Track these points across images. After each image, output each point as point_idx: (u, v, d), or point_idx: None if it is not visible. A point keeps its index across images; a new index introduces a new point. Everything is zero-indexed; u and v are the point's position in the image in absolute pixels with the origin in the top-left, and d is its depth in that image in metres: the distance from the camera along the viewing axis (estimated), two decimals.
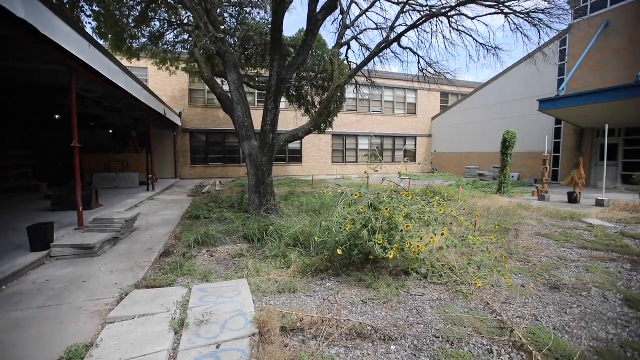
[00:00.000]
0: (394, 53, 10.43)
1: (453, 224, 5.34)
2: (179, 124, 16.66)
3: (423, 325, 2.89)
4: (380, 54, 9.73)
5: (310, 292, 3.61)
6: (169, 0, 9.30)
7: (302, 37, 9.20)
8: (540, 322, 2.98)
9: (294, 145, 20.57)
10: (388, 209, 3.74)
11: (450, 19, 8.94)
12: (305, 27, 7.32)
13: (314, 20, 7.03)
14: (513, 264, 4.52)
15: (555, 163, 15.08)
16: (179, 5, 9.24)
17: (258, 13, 11.63)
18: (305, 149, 20.90)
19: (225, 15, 11.37)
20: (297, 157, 20.88)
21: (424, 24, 8.99)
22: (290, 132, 8.49)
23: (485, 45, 9.33)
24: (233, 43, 11.02)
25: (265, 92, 7.63)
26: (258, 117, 7.81)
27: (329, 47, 12.19)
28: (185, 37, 11.47)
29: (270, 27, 7.47)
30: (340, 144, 21.90)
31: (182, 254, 4.87)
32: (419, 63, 10.28)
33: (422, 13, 9.14)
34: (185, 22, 10.61)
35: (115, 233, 5.29)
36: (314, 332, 2.68)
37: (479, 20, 8.83)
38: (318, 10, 7.10)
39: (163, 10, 10.16)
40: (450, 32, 9.36)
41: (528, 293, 3.58)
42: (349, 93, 17.47)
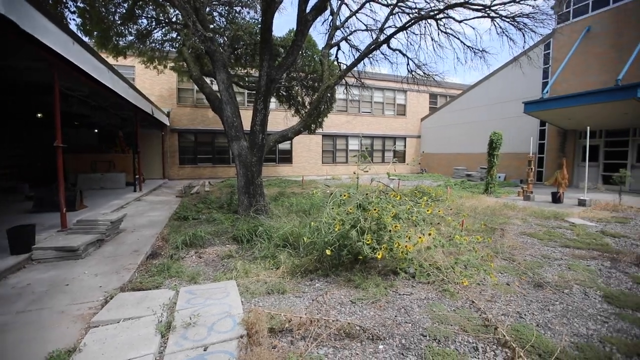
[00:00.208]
0: (384, 54, 10.53)
1: (441, 224, 5.42)
2: (167, 124, 16.40)
3: (411, 324, 2.93)
4: (370, 55, 9.81)
5: (299, 292, 3.60)
6: None
7: (292, 37, 9.18)
8: (524, 319, 3.05)
9: (284, 146, 20.51)
10: (376, 210, 3.77)
11: (439, 22, 9.08)
12: (295, 27, 7.31)
13: (304, 21, 7.03)
14: (499, 263, 4.61)
15: (540, 164, 15.46)
16: (167, 3, 9.10)
17: (248, 12, 11.56)
18: (296, 150, 20.86)
19: (215, 14, 11.26)
20: (287, 157, 20.82)
21: (413, 26, 9.11)
22: (280, 132, 8.46)
23: (473, 48, 9.51)
24: (222, 42, 10.92)
25: (255, 92, 7.59)
26: (247, 117, 7.75)
27: (319, 47, 12.19)
28: (174, 35, 11.31)
29: (260, 26, 7.44)
30: (330, 145, 21.94)
31: (169, 256, 4.80)
32: (408, 64, 10.40)
33: (411, 15, 9.26)
34: (174, 20, 10.46)
35: (100, 235, 5.18)
36: (303, 332, 2.68)
37: (467, 24, 8.98)
38: (308, 11, 7.10)
39: (151, 8, 9.99)
40: (439, 34, 9.50)
41: (513, 291, 3.66)
42: (339, 94, 17.54)
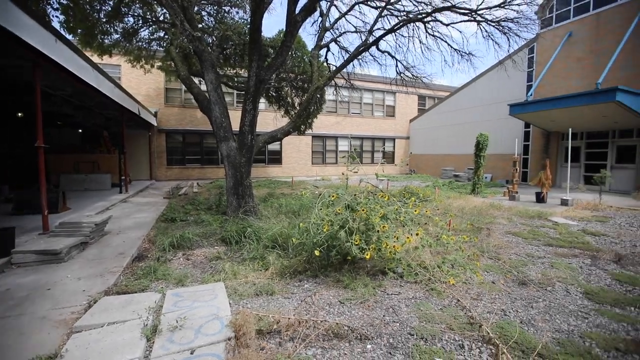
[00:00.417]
0: (373, 56, 10.63)
1: (429, 224, 5.50)
2: (155, 124, 16.14)
3: (398, 324, 2.95)
4: (359, 57, 9.89)
5: (288, 293, 3.60)
6: None
7: (281, 38, 9.17)
8: (509, 316, 3.12)
9: (274, 147, 20.43)
10: (365, 210, 3.80)
11: (426, 25, 9.22)
12: (285, 28, 7.31)
13: (293, 22, 7.03)
14: (485, 262, 4.70)
15: (525, 164, 15.84)
16: (154, 2, 8.96)
17: (237, 12, 11.47)
18: (285, 150, 20.81)
19: (203, 14, 11.14)
20: (276, 158, 20.75)
21: (402, 29, 9.22)
22: (269, 133, 8.43)
23: (459, 51, 9.69)
24: (211, 42, 10.81)
25: (244, 92, 7.54)
26: (236, 117, 7.71)
27: (309, 48, 12.22)
28: (161, 34, 11.13)
29: (249, 27, 7.39)
30: (320, 145, 21.97)
31: (156, 258, 4.72)
32: (397, 66, 10.52)
33: (399, 18, 9.38)
34: (161, 19, 10.30)
35: (84, 237, 5.05)
36: (291, 333, 2.67)
37: (454, 27, 9.15)
38: (297, 12, 7.10)
39: (137, 6, 9.81)
40: (427, 37, 9.66)
41: (498, 289, 3.74)
42: (329, 95, 17.58)
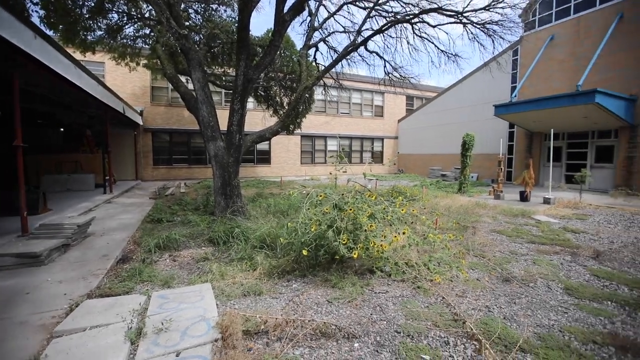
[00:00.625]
0: (361, 56, 10.71)
1: (416, 223, 5.57)
2: (140, 123, 15.82)
3: (385, 322, 2.99)
4: (348, 57, 9.92)
5: (276, 294, 3.59)
6: None
7: (270, 37, 9.12)
8: (493, 312, 3.20)
9: (263, 146, 20.32)
10: (352, 210, 3.82)
11: (414, 26, 9.34)
12: (273, 27, 7.27)
13: (282, 21, 7.01)
14: (470, 260, 4.79)
15: (510, 164, 16.22)
16: None
17: (225, 10, 11.36)
18: (274, 150, 20.72)
19: (190, 11, 10.98)
20: (265, 158, 20.64)
21: (390, 29, 9.32)
22: (258, 132, 8.38)
23: (446, 52, 9.85)
24: (198, 40, 10.66)
25: (232, 91, 7.47)
26: (224, 117, 7.61)
27: (298, 48, 12.19)
28: (147, 31, 10.92)
29: (237, 25, 7.33)
30: (309, 145, 21.96)
31: (141, 260, 4.63)
32: (385, 67, 10.61)
33: (387, 19, 9.46)
34: (147, 16, 10.10)
35: (66, 239, 4.91)
36: (279, 333, 2.67)
37: (440, 29, 9.30)
38: (286, 11, 7.08)
39: (122, 2, 9.59)
40: (414, 38, 9.79)
41: (482, 286, 3.82)
42: (318, 94, 17.57)
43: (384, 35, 10.05)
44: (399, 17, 9.09)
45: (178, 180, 17.31)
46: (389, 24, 8.89)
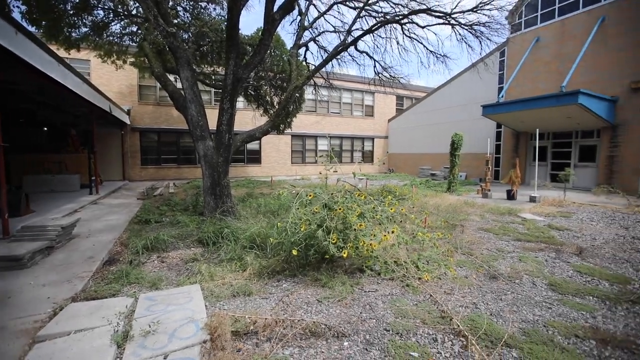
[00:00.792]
0: (351, 56, 10.74)
1: (406, 222, 5.63)
2: (128, 122, 15.51)
3: (375, 320, 3.01)
4: (338, 57, 9.96)
5: (266, 294, 3.58)
6: None
7: (259, 36, 9.08)
8: (480, 309, 3.26)
9: (253, 146, 20.19)
10: (342, 209, 3.83)
11: (403, 26, 9.42)
12: (263, 26, 7.23)
13: (271, 20, 6.98)
14: (458, 257, 4.86)
15: (497, 163, 16.52)
16: None
17: (214, 9, 11.23)
18: (264, 150, 20.62)
19: (179, 9, 10.82)
20: (255, 157, 20.52)
21: (379, 30, 9.39)
22: (248, 132, 8.33)
23: (435, 53, 9.97)
24: (187, 38, 10.52)
25: (221, 90, 7.41)
26: (214, 116, 7.55)
27: (288, 47, 12.16)
28: (134, 29, 10.71)
29: (226, 24, 7.26)
30: (300, 145, 21.93)
31: (129, 261, 4.55)
32: (375, 67, 10.68)
33: (377, 19, 9.53)
34: (134, 13, 9.91)
35: (49, 242, 4.78)
36: (268, 334, 2.66)
37: (429, 29, 9.43)
38: (275, 10, 7.05)
39: None
40: (403, 38, 9.88)
41: (470, 283, 3.88)
42: (308, 94, 17.57)
43: (374, 36, 10.13)
44: (389, 17, 9.16)
45: (167, 181, 17.06)
46: (379, 24, 8.95)
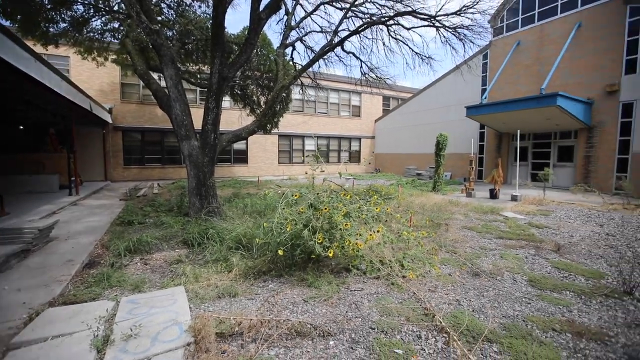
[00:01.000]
0: (338, 57, 10.81)
1: (391, 221, 5.69)
2: (110, 121, 15.08)
3: (360, 319, 3.03)
4: (325, 57, 9.98)
5: (252, 294, 3.55)
6: None
7: (246, 34, 9.00)
8: (462, 305, 3.33)
9: (240, 146, 19.99)
10: (327, 209, 3.85)
11: (389, 28, 9.54)
12: (249, 25, 7.18)
13: (257, 19, 6.93)
14: (443, 255, 4.95)
15: (480, 163, 16.91)
16: None
17: (199, 6, 11.07)
18: (251, 150, 20.44)
19: (163, 6, 10.60)
20: (242, 157, 20.32)
21: (366, 31, 9.46)
22: (234, 132, 8.25)
23: (420, 54, 10.13)
24: (171, 36, 10.31)
25: (207, 90, 7.31)
26: (200, 115, 7.43)
27: (275, 46, 12.10)
28: (116, 25, 10.43)
29: (212, 22, 7.16)
30: (287, 145, 21.86)
31: (110, 264, 4.43)
32: (362, 67, 10.76)
33: (363, 20, 9.61)
34: (115, 8, 9.65)
35: (25, 245, 4.61)
36: (253, 335, 2.64)
37: (414, 31, 9.55)
38: (262, 9, 7.01)
39: None
40: (389, 40, 10.00)
41: (454, 281, 3.97)
42: (295, 94, 17.54)
43: (360, 36, 10.20)
44: (375, 18, 9.25)
45: (151, 181, 16.69)
46: (365, 25, 9.03)
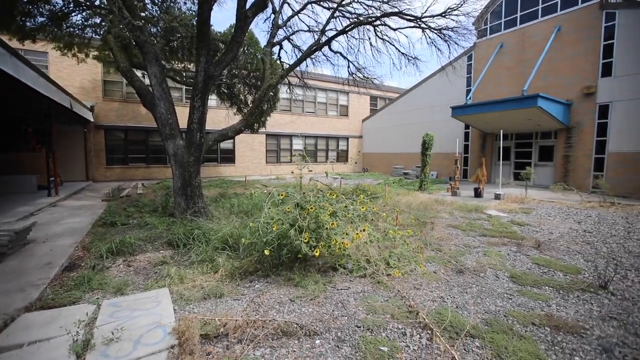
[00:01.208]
0: (326, 56, 10.80)
1: (378, 220, 5.74)
2: (91, 120, 14.65)
3: (347, 317, 3.05)
4: (312, 56, 9.99)
5: (238, 295, 3.52)
6: None
7: (232, 32, 8.90)
8: (446, 302, 3.39)
9: (227, 145, 19.77)
10: (314, 208, 3.85)
11: (376, 28, 9.62)
12: (235, 22, 7.10)
13: (243, 17, 6.87)
14: (428, 254, 5.03)
15: (465, 163, 17.25)
16: None
17: (184, 3, 10.86)
18: (238, 149, 20.24)
19: (147, 1, 10.36)
20: (229, 157, 20.09)
21: (353, 31, 9.52)
22: (220, 131, 8.15)
23: (407, 55, 10.25)
24: (155, 33, 10.08)
25: (192, 88, 7.19)
26: (186, 114, 7.31)
27: (262, 45, 12.01)
28: (97, 20, 10.13)
29: (197, 19, 7.05)
30: (275, 144, 21.75)
31: (91, 266, 4.32)
32: (349, 67, 10.81)
33: (350, 20, 9.65)
34: (97, 3, 9.37)
35: (0, 248, 4.43)
36: (239, 335, 2.62)
37: (401, 32, 9.66)
38: (248, 7, 6.95)
39: None
40: (376, 40, 10.08)
41: (438, 278, 4.04)
42: (283, 93, 17.47)
43: (348, 36, 10.25)
44: (362, 19, 9.31)
45: (135, 181, 16.31)
46: (352, 25, 9.08)
